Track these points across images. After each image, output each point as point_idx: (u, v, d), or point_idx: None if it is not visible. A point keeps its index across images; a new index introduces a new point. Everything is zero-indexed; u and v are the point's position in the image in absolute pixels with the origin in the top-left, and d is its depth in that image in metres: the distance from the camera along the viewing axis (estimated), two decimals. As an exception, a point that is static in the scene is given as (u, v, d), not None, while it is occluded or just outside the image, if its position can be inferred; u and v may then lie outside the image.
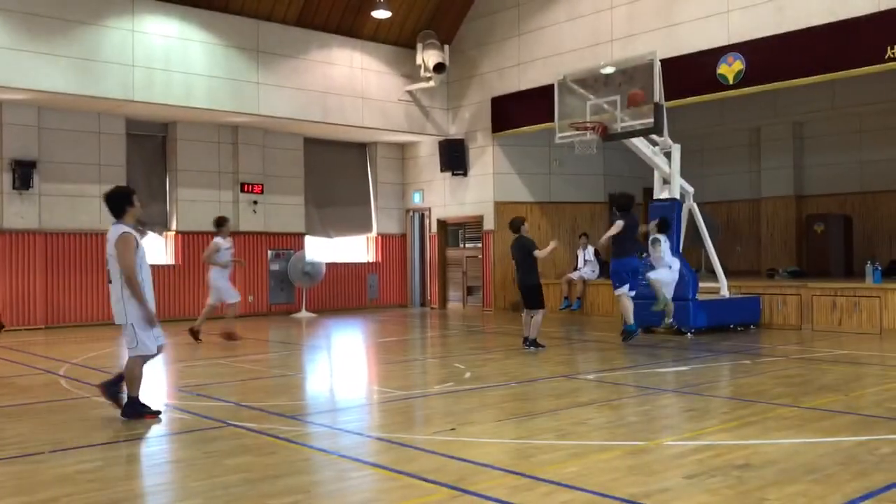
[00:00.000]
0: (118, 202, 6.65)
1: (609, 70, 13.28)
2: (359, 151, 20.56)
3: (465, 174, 19.19)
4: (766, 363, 9.74)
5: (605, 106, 13.08)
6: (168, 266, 17.04)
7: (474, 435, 5.97)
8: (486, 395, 7.83)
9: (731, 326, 13.29)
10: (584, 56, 16.07)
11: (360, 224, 20.39)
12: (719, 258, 14.13)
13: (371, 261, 20.47)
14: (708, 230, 13.97)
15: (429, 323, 16.66)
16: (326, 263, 18.69)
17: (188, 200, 17.24)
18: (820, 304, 13.27)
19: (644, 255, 12.39)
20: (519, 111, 17.78)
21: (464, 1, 18.95)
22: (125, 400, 6.68)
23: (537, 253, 10.93)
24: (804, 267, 17.78)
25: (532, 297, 11.09)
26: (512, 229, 11.30)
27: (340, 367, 10.87)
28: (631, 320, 11.46)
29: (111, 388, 6.78)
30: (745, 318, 13.50)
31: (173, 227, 17.24)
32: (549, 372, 9.36)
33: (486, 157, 18.77)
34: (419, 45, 18.54)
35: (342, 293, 19.70)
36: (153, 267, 19.12)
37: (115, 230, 6.56)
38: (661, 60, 12.58)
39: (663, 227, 12.11)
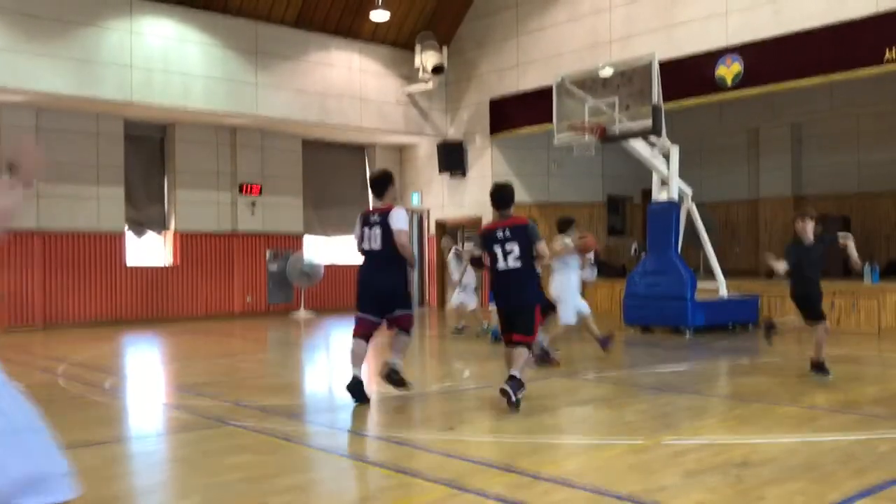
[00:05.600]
0: None
1: (608, 72, 13.29)
2: (357, 153, 20.56)
3: (463, 175, 19.19)
4: (764, 362, 9.75)
5: (604, 107, 13.10)
6: (166, 267, 17.03)
7: (473, 433, 5.97)
8: (485, 393, 7.83)
9: (730, 326, 13.30)
10: (582, 57, 16.08)
11: (358, 225, 20.35)
12: (718, 258, 14.14)
13: (370, 262, 20.43)
14: (704, 227, 13.98)
15: (427, 323, 16.65)
16: (325, 264, 18.69)
17: (187, 202, 17.24)
18: (818, 304, 13.24)
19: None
20: (517, 112, 17.78)
21: (462, 2, 18.95)
22: None
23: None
24: (802, 267, 17.73)
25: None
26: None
27: (339, 366, 10.85)
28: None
29: None
30: (743, 318, 13.51)
31: (172, 227, 17.24)
32: (548, 371, 9.36)
33: (484, 159, 18.76)
34: (418, 47, 18.51)
35: (340, 293, 19.68)
36: (152, 267, 18.92)
37: None
38: (659, 62, 12.61)
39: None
